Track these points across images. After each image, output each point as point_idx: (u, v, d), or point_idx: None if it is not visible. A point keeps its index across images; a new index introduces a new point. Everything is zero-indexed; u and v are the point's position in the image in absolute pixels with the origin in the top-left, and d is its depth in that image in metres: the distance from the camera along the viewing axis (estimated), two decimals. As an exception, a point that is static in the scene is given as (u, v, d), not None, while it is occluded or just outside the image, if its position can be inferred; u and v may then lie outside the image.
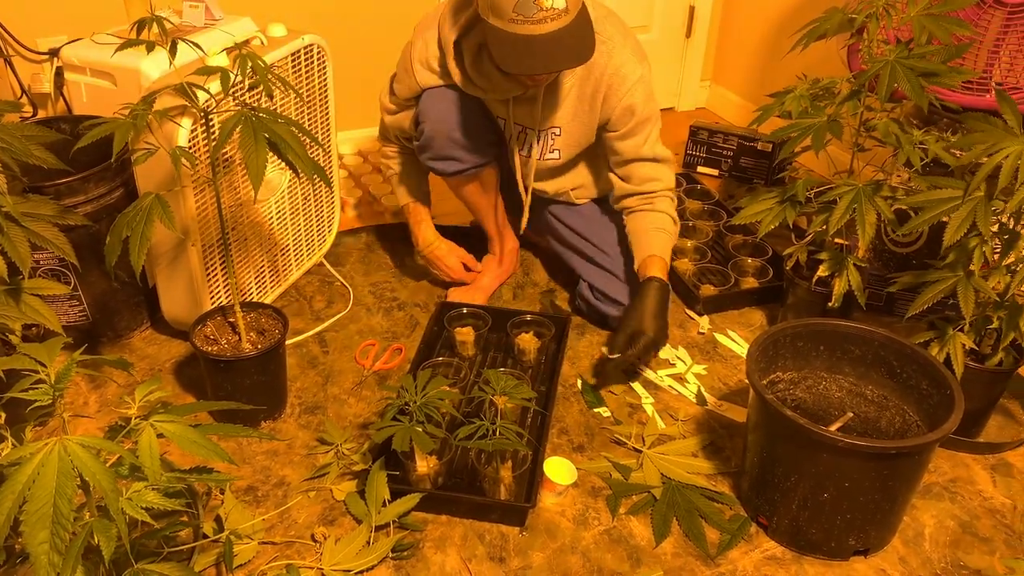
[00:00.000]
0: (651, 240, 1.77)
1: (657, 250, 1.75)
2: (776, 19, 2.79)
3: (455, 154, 1.80)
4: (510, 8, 1.45)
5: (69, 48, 1.84)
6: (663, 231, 1.78)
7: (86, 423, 1.63)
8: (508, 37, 1.49)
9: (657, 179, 1.80)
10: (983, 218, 1.41)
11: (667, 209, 1.81)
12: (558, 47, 1.49)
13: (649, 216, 1.80)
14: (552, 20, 1.47)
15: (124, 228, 1.34)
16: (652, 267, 1.72)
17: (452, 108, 1.76)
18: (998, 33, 1.76)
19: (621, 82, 1.71)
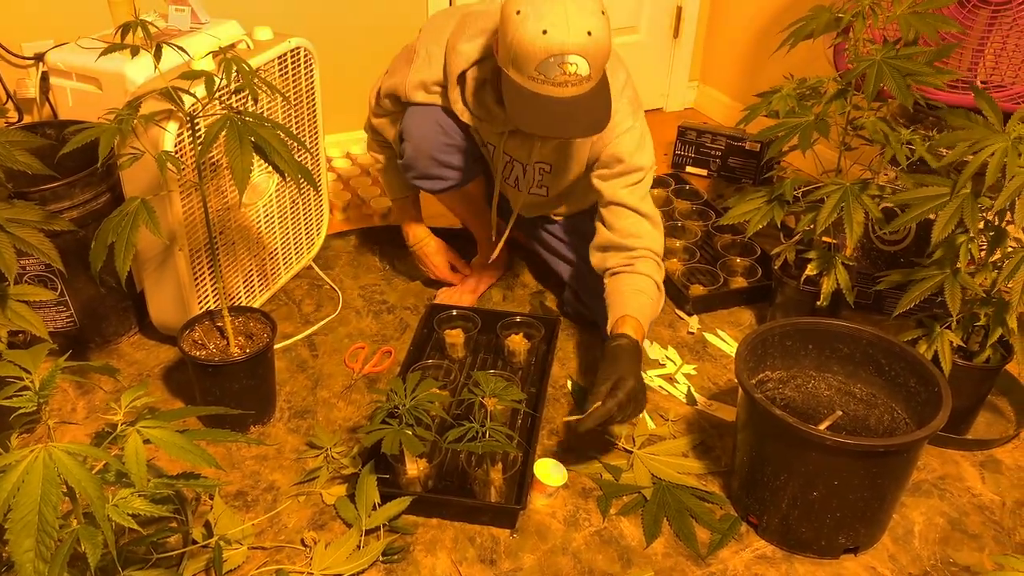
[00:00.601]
0: (627, 301, 1.61)
1: (632, 310, 1.59)
2: (763, 19, 2.80)
3: (439, 173, 1.78)
4: (532, 67, 1.40)
5: (54, 53, 1.83)
6: (642, 293, 1.62)
7: (73, 430, 1.62)
8: (526, 94, 1.44)
9: (639, 235, 1.66)
10: (970, 215, 1.42)
11: (650, 272, 1.65)
12: (575, 114, 1.45)
13: (629, 278, 1.65)
14: (573, 85, 1.42)
15: (109, 234, 1.33)
16: (623, 326, 1.56)
17: (435, 128, 1.73)
18: (982, 32, 1.77)
19: (612, 128, 1.64)
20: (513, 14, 1.40)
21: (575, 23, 1.37)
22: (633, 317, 1.58)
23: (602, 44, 1.41)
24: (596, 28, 1.39)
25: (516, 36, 1.40)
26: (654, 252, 1.67)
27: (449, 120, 1.72)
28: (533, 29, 1.37)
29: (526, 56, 1.40)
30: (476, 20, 1.61)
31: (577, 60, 1.39)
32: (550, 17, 1.37)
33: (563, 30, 1.37)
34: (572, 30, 1.37)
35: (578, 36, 1.37)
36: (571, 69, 1.39)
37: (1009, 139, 1.38)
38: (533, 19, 1.38)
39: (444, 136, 1.72)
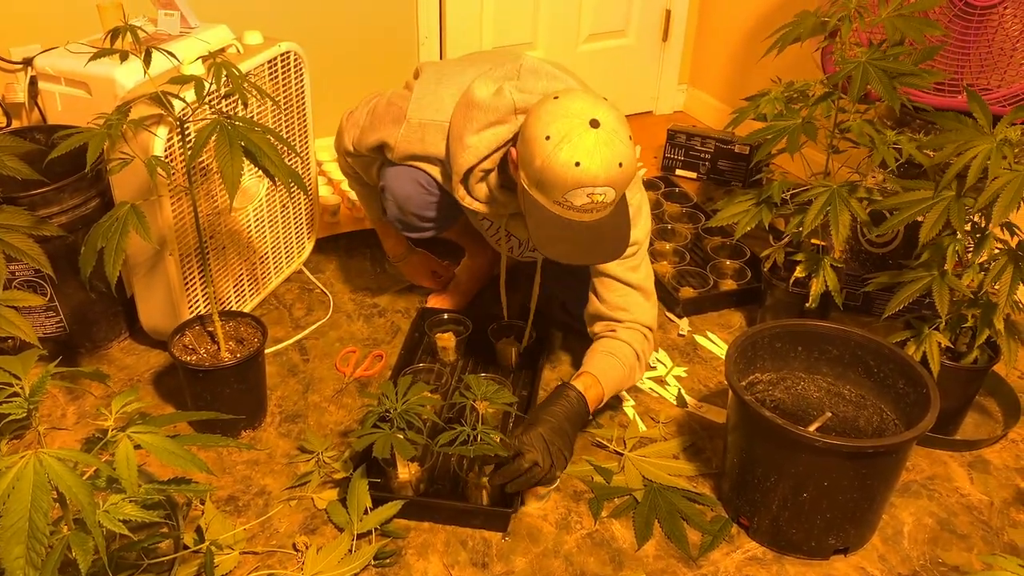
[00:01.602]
0: (592, 359, 1.61)
1: (595, 369, 1.58)
2: (751, 22, 2.82)
3: (423, 226, 1.75)
4: (560, 193, 1.36)
5: (43, 57, 1.82)
6: (614, 356, 1.60)
7: (63, 435, 1.61)
8: (549, 216, 1.40)
9: (626, 308, 1.64)
10: (956, 216, 1.43)
11: (630, 340, 1.62)
12: (599, 239, 1.42)
13: (605, 341, 1.64)
14: (597, 211, 1.39)
15: (99, 239, 1.33)
16: (579, 380, 1.56)
17: (417, 188, 1.67)
18: (968, 35, 1.78)
19: None
20: (542, 138, 1.34)
21: (607, 156, 1.33)
22: (591, 375, 1.57)
23: (630, 173, 1.38)
24: (626, 158, 1.35)
25: (546, 163, 1.34)
26: (642, 324, 1.64)
27: (429, 177, 1.66)
28: (566, 159, 1.32)
29: (555, 183, 1.35)
30: (483, 112, 1.52)
31: (606, 190, 1.36)
32: (583, 148, 1.32)
33: (597, 163, 1.32)
34: (605, 162, 1.33)
35: (611, 169, 1.33)
36: (599, 199, 1.36)
37: (995, 141, 1.39)
38: (566, 150, 1.32)
39: (427, 194, 1.68)
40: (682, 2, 3.00)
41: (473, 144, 1.52)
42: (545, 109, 1.37)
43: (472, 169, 1.55)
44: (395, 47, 2.67)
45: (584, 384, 1.55)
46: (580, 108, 1.35)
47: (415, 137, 1.62)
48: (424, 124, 1.61)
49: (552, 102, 1.38)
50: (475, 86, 1.54)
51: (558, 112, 1.35)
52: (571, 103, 1.36)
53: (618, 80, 3.07)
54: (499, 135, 1.50)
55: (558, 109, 1.36)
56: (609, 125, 1.34)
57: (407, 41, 2.68)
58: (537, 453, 1.41)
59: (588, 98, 1.38)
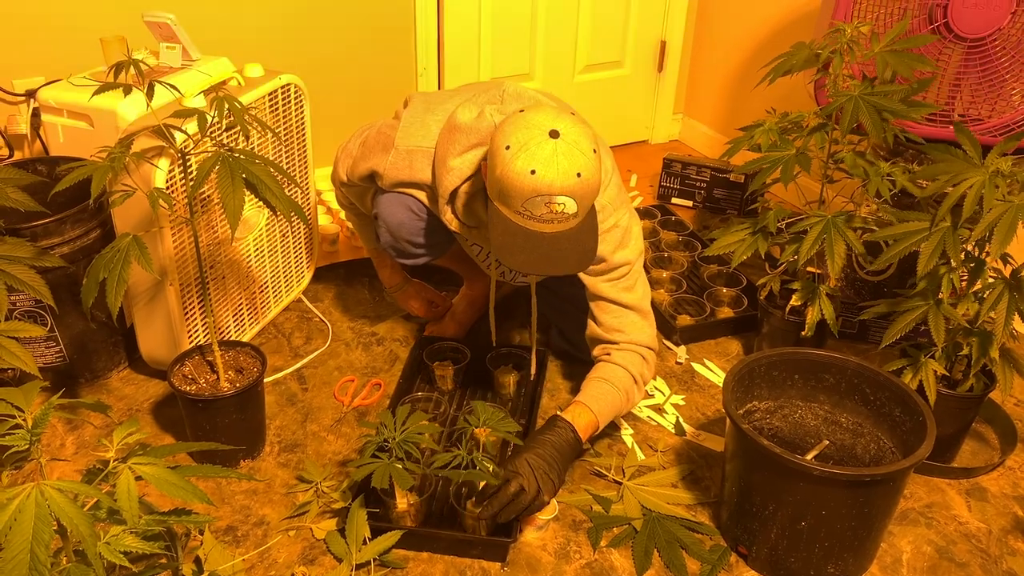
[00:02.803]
0: (588, 388, 1.62)
1: (587, 398, 1.59)
2: (746, 53, 2.85)
3: (417, 252, 1.75)
4: (519, 203, 1.36)
5: (46, 90, 1.84)
6: (607, 382, 1.61)
7: (62, 466, 1.61)
8: (510, 227, 1.40)
9: (622, 329, 1.65)
10: (952, 247, 1.44)
11: (626, 363, 1.63)
12: (560, 250, 1.41)
13: (602, 367, 1.65)
14: (560, 223, 1.38)
15: (101, 270, 1.34)
16: (568, 411, 1.57)
17: (409, 214, 1.68)
18: (959, 67, 1.81)
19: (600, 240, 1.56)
20: (503, 148, 1.36)
21: (564, 165, 1.33)
22: (582, 404, 1.57)
23: (591, 184, 1.37)
24: (586, 169, 1.35)
25: (504, 171, 1.36)
26: (638, 344, 1.65)
27: (420, 204, 1.68)
28: (522, 167, 1.34)
29: (513, 192, 1.36)
30: (466, 135, 1.54)
31: (565, 200, 1.35)
32: (539, 157, 1.33)
33: (553, 171, 1.33)
34: (561, 171, 1.33)
35: (567, 178, 1.33)
36: (558, 208, 1.36)
37: (987, 173, 1.41)
38: (523, 158, 1.34)
39: (418, 220, 1.68)
40: (677, 33, 3.04)
41: (456, 166, 1.54)
42: (509, 121, 1.40)
43: (456, 191, 1.57)
44: (394, 78, 2.70)
45: (573, 414, 1.55)
46: (542, 120, 1.37)
47: (403, 164, 1.63)
48: (411, 151, 1.63)
49: (517, 115, 1.40)
50: (458, 111, 1.57)
51: (520, 124, 1.38)
52: (534, 116, 1.38)
53: (614, 110, 3.10)
54: (480, 156, 1.53)
55: (521, 121, 1.38)
56: (570, 137, 1.35)
57: (405, 72, 2.71)
58: (523, 478, 1.41)
59: (552, 112, 1.40)
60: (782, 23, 2.67)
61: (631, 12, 2.95)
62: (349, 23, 2.57)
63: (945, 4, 1.73)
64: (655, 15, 2.99)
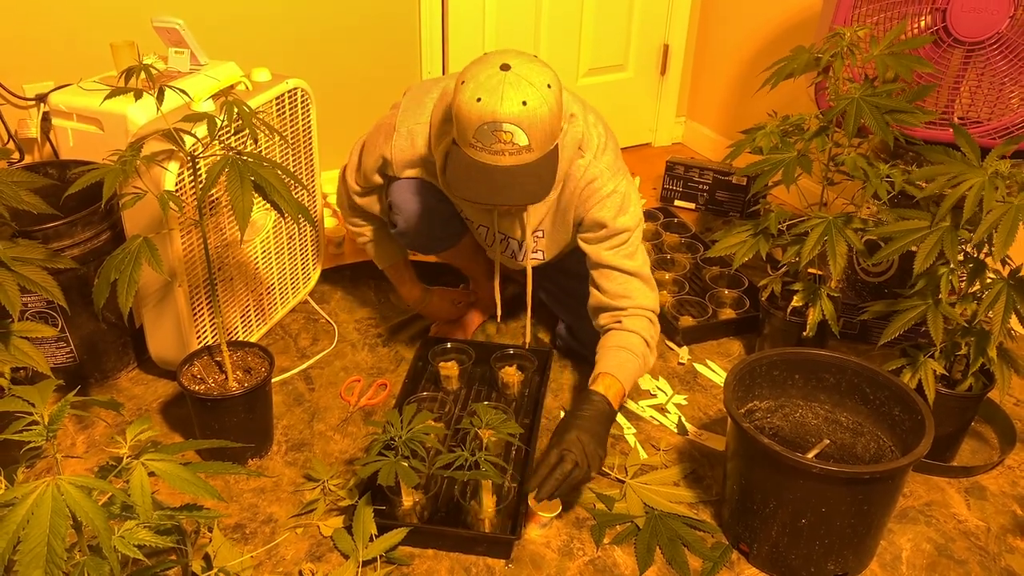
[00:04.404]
0: (607, 357, 1.64)
1: (611, 367, 1.61)
2: (748, 57, 2.88)
3: (431, 241, 1.81)
4: (471, 134, 1.40)
5: (57, 95, 1.87)
6: (624, 349, 1.64)
7: (74, 463, 1.63)
8: (463, 160, 1.44)
9: (628, 296, 1.67)
10: (950, 247, 1.46)
11: (638, 328, 1.66)
12: (511, 183, 1.43)
13: (615, 335, 1.67)
14: (511, 155, 1.41)
15: (112, 271, 1.36)
16: (596, 383, 1.59)
17: (424, 202, 1.73)
18: (958, 70, 1.83)
19: (592, 195, 1.64)
20: (459, 83, 1.42)
21: (509, 93, 1.37)
22: (608, 374, 1.60)
23: (539, 115, 1.39)
24: (533, 99, 1.38)
25: (456, 103, 1.41)
26: (645, 308, 1.67)
27: (435, 190, 1.73)
28: (469, 96, 1.38)
29: (463, 122, 1.40)
30: None
31: (512, 128, 1.38)
32: (487, 86, 1.38)
33: (497, 98, 1.37)
34: (505, 99, 1.37)
35: (511, 106, 1.37)
36: (506, 137, 1.38)
37: (986, 174, 1.43)
38: (471, 87, 1.39)
39: (432, 208, 1.73)
40: (680, 37, 3.06)
41: (448, 129, 1.58)
42: (471, 62, 1.45)
43: None
44: (398, 82, 2.69)
45: (605, 385, 1.58)
46: (499, 58, 1.42)
47: (406, 144, 1.68)
48: (411, 130, 1.68)
49: (480, 56, 1.46)
50: (450, 84, 1.61)
51: (478, 61, 1.44)
52: (493, 55, 1.43)
53: (617, 113, 3.11)
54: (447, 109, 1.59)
55: (480, 59, 1.44)
56: (521, 70, 1.39)
57: (410, 76, 2.74)
58: (576, 455, 1.45)
59: (514, 53, 1.43)
60: (783, 27, 2.69)
61: (634, 16, 2.97)
62: (355, 28, 2.59)
63: (944, 8, 1.75)
64: (658, 19, 3.01)
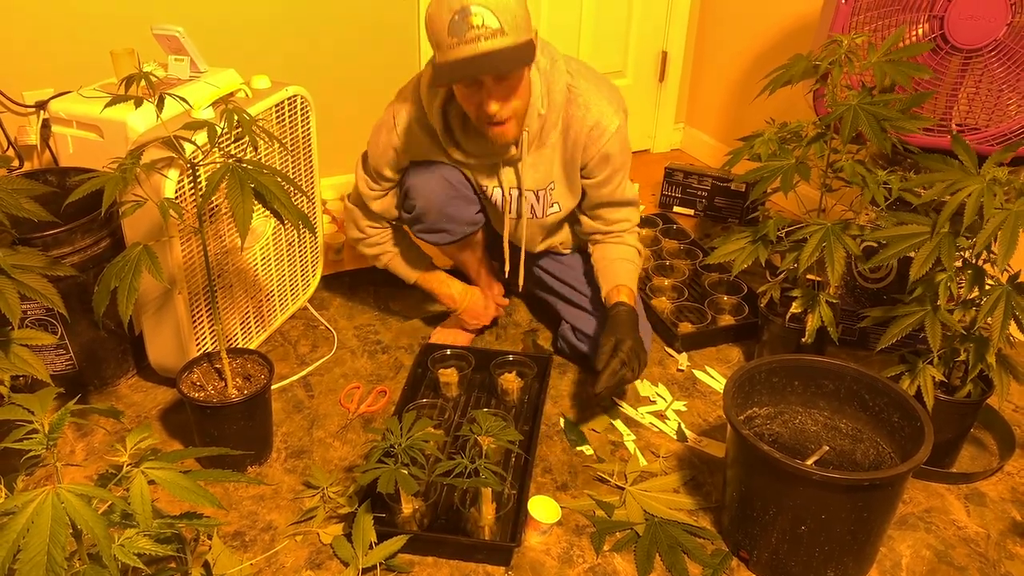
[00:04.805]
0: (616, 269, 1.84)
1: (623, 279, 1.82)
2: (746, 63, 2.88)
3: (446, 226, 1.84)
4: (445, 33, 1.45)
5: (57, 102, 1.87)
6: (628, 261, 1.85)
7: (73, 471, 1.63)
8: (447, 64, 1.48)
9: (623, 220, 1.87)
10: (947, 253, 1.46)
11: (632, 242, 1.89)
12: (492, 61, 1.47)
13: (614, 247, 1.87)
14: (486, 39, 1.44)
15: (112, 279, 1.36)
16: (619, 294, 1.79)
17: (442, 183, 1.78)
18: (956, 77, 1.83)
19: (601, 134, 1.72)
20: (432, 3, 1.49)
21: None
22: (625, 285, 1.80)
23: (508, 4, 1.45)
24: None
25: (428, 13, 1.48)
26: (634, 225, 1.90)
27: (455, 172, 1.78)
28: (436, 1, 1.47)
29: (436, 25, 1.46)
30: None
31: (480, 11, 1.42)
32: None
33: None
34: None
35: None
36: (476, 21, 1.43)
37: (984, 181, 1.43)
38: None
39: (451, 189, 1.78)
40: (678, 44, 3.07)
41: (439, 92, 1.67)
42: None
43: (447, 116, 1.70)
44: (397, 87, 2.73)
45: (627, 296, 1.79)
46: None
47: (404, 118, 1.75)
48: (406, 98, 1.76)
49: None
50: None
51: None
52: None
53: (616, 119, 3.13)
54: None
55: None
56: None
57: (409, 82, 2.74)
58: (635, 362, 1.68)
59: None
60: (781, 34, 2.70)
61: (632, 23, 2.98)
62: (354, 35, 2.60)
63: (941, 16, 1.76)
64: (656, 26, 3.02)
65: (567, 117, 1.72)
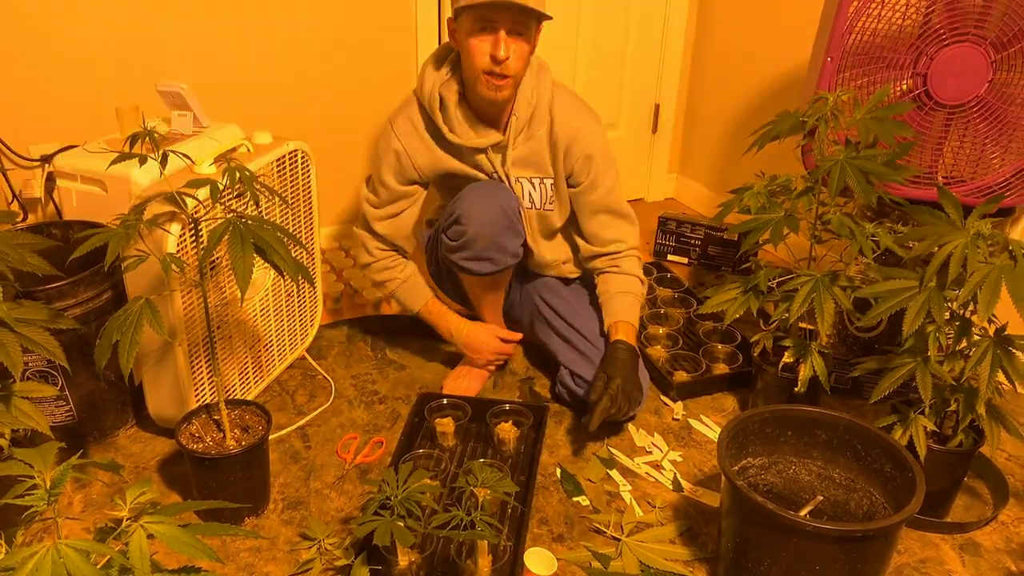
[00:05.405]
0: (617, 304, 1.91)
1: (623, 315, 1.89)
2: (737, 114, 2.94)
3: (493, 255, 1.86)
4: None
5: (62, 157, 1.91)
6: (629, 294, 1.92)
7: (70, 524, 1.64)
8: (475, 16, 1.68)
9: (620, 240, 1.95)
10: (937, 307, 1.49)
11: (633, 270, 1.96)
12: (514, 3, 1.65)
13: (616, 279, 1.94)
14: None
15: (114, 332, 1.38)
16: (618, 331, 1.86)
17: (499, 212, 1.82)
18: (940, 131, 1.88)
19: (582, 136, 1.87)
20: None
21: None
22: (624, 321, 1.88)
23: None
24: None
25: None
26: (633, 248, 1.97)
27: (512, 203, 1.86)
28: None
29: None
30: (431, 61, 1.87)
31: None
32: None
33: None
34: None
35: None
36: None
37: (968, 235, 1.47)
38: None
39: (506, 218, 1.84)
40: (670, 96, 3.14)
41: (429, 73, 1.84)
42: None
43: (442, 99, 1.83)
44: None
45: (625, 333, 1.87)
46: None
47: (407, 126, 1.89)
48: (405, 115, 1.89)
49: None
50: None
51: None
52: None
53: (611, 169, 3.18)
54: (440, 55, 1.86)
55: None
56: None
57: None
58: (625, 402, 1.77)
59: None
60: (771, 87, 2.76)
61: (625, 76, 3.05)
62: (353, 88, 2.66)
63: (924, 73, 1.81)
64: (649, 79, 3.09)
65: (552, 116, 1.85)
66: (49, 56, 2.21)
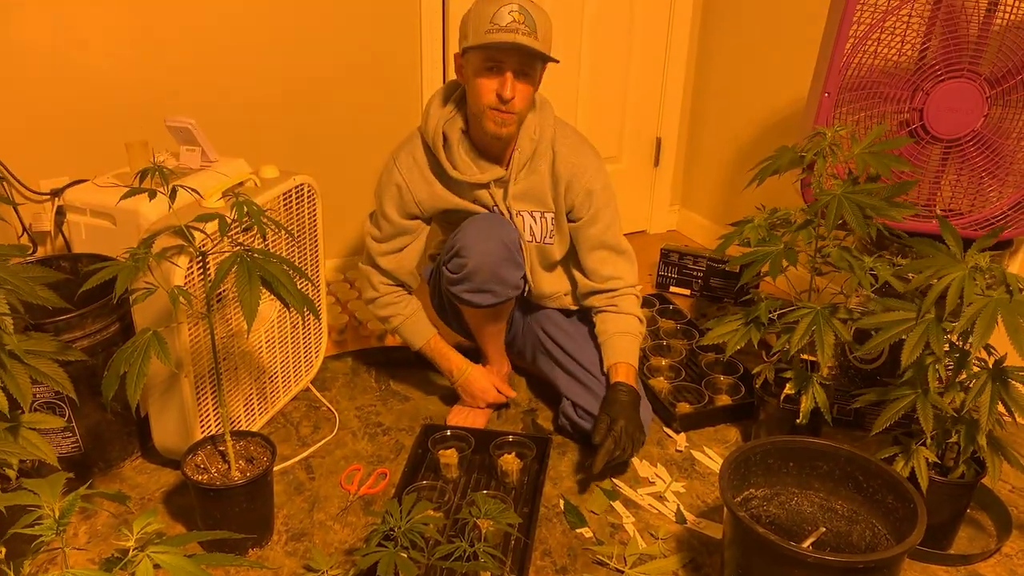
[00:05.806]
0: (616, 345, 1.93)
1: (623, 356, 1.91)
2: (738, 147, 2.98)
3: (494, 288, 1.88)
4: (486, 22, 1.68)
5: (72, 191, 1.95)
6: (628, 334, 1.94)
7: (76, 555, 1.64)
8: (482, 44, 1.69)
9: (618, 277, 1.97)
10: (936, 339, 1.50)
11: (632, 309, 1.97)
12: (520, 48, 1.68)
13: (614, 319, 1.96)
14: (524, 35, 1.68)
15: (122, 364, 1.40)
16: (618, 373, 1.88)
17: (499, 245, 1.85)
18: (938, 165, 1.91)
19: (583, 172, 1.91)
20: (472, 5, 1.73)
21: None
22: (624, 363, 1.90)
23: (541, 11, 1.72)
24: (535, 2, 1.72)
25: (470, 10, 1.72)
26: (630, 286, 1.99)
27: (512, 235, 1.88)
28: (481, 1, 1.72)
29: (479, 17, 1.69)
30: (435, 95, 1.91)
31: (523, 10, 1.68)
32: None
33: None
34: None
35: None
36: (519, 17, 1.67)
37: (966, 268, 1.48)
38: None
39: (505, 251, 1.86)
40: (672, 130, 3.17)
41: (434, 111, 1.87)
42: None
43: (446, 136, 1.86)
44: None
45: (625, 374, 1.89)
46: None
47: (409, 161, 1.92)
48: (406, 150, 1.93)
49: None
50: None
51: None
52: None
53: (613, 202, 3.21)
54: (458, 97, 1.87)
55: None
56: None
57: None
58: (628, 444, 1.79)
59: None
60: (770, 121, 2.80)
61: (627, 111, 3.09)
62: (359, 121, 2.70)
63: (921, 108, 1.84)
64: (650, 113, 3.13)
65: (555, 152, 1.90)
66: (59, 92, 2.25)
